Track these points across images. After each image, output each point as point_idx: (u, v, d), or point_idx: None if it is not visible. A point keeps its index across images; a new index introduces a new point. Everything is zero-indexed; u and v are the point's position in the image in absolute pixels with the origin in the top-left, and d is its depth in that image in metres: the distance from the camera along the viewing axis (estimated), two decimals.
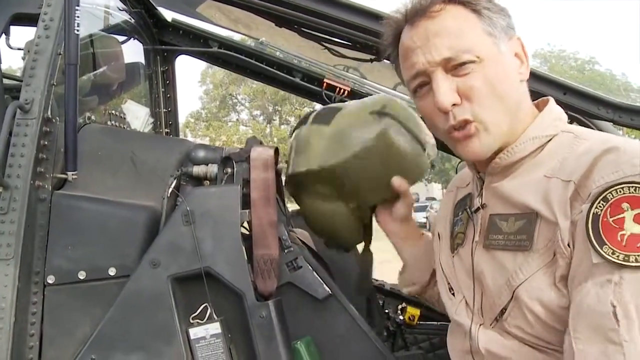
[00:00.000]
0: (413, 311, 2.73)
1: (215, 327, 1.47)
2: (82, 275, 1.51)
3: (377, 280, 2.70)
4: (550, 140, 1.09)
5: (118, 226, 1.54)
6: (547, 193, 1.01)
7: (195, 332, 1.47)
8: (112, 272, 1.51)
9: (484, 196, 1.17)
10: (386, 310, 2.89)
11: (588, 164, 0.97)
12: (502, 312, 1.07)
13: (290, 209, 2.61)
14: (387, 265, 2.57)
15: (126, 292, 1.49)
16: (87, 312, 1.51)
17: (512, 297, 1.04)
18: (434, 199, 43.68)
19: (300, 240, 1.98)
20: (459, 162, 2.85)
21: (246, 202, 1.56)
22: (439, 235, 1.36)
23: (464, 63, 1.06)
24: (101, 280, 1.52)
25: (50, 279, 1.51)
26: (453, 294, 1.23)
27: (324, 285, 1.58)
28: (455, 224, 1.28)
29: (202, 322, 1.49)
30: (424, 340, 2.82)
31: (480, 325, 1.13)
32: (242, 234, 1.54)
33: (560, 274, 0.98)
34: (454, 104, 1.07)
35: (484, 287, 1.13)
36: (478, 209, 1.18)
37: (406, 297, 2.67)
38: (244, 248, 1.50)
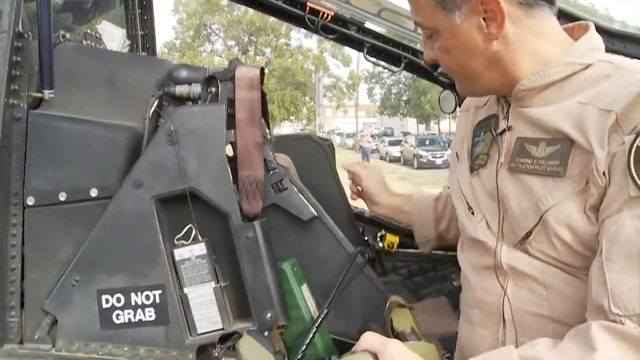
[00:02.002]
0: (392, 238, 2.75)
1: (200, 248, 1.46)
2: (62, 196, 1.47)
3: (356, 208, 2.70)
4: (586, 68, 1.07)
5: (99, 146, 1.50)
6: (581, 120, 1.01)
7: (180, 253, 1.46)
8: (93, 193, 1.48)
9: (510, 119, 1.15)
10: (365, 238, 2.92)
11: (633, 95, 0.95)
12: (527, 235, 1.08)
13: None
14: None
15: (109, 213, 1.46)
16: (69, 234, 1.49)
17: (539, 221, 1.05)
18: (408, 133, 43.89)
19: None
20: (441, 92, 2.82)
21: (231, 123, 1.52)
22: (457, 155, 1.34)
23: (429, 34, 1.15)
24: (82, 201, 1.48)
25: (30, 201, 1.47)
26: (472, 213, 1.23)
27: (310, 207, 1.57)
28: (476, 144, 1.26)
29: (187, 243, 1.47)
30: (403, 267, 2.85)
31: (502, 244, 1.14)
32: (227, 155, 1.51)
33: (592, 202, 0.98)
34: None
35: (507, 209, 1.13)
36: (504, 131, 1.16)
37: (385, 224, 2.69)
38: (229, 168, 1.47)
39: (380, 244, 2.82)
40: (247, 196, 1.51)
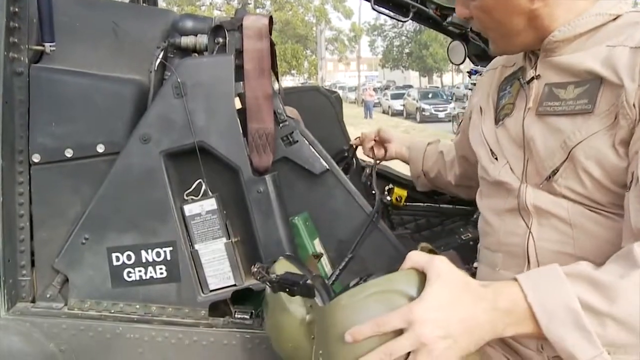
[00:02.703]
0: (400, 192, 2.73)
1: (210, 204, 1.43)
2: (68, 153, 1.44)
3: (364, 161, 2.67)
4: (615, 19, 1.08)
5: (104, 101, 1.45)
6: (611, 59, 1.02)
7: (190, 209, 1.43)
8: (100, 149, 1.44)
9: (539, 68, 1.16)
10: (373, 192, 2.90)
11: None
12: (554, 173, 1.08)
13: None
14: None
15: (116, 169, 1.43)
16: (77, 192, 1.46)
17: (567, 157, 1.05)
18: (410, 86, 43.48)
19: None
20: (450, 42, 2.75)
21: (239, 75, 1.47)
22: (481, 109, 1.35)
23: None
24: (89, 157, 1.45)
25: (36, 158, 1.44)
26: (496, 159, 1.24)
27: (321, 160, 1.53)
28: (502, 98, 1.28)
29: (196, 198, 1.45)
30: (410, 221, 2.84)
31: (526, 185, 1.14)
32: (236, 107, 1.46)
33: (622, 136, 0.99)
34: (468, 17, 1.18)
35: (532, 151, 1.13)
36: (532, 79, 1.17)
37: (394, 178, 2.66)
38: (239, 121, 1.43)
39: (388, 198, 2.81)
40: (257, 150, 1.47)
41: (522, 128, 1.16)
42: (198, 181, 1.45)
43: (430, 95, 28.96)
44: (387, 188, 2.83)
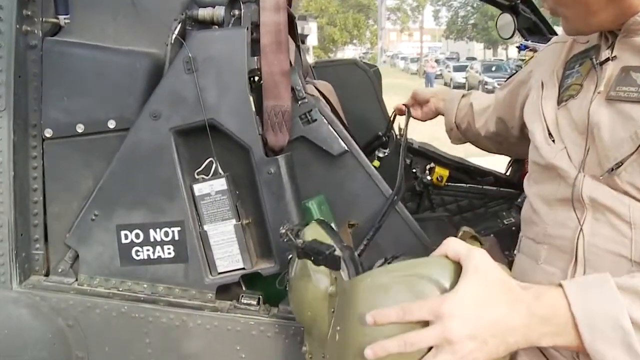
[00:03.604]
0: (441, 172, 2.63)
1: (220, 184, 1.38)
2: (80, 128, 1.41)
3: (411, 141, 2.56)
4: None
5: (116, 75, 1.41)
6: None
7: (199, 188, 1.38)
8: (111, 124, 1.41)
9: (616, 49, 1.06)
10: (413, 170, 2.80)
11: None
12: (618, 165, 0.98)
13: (314, 60, 2.46)
14: None
15: (126, 145, 1.39)
16: (88, 167, 1.44)
17: (637, 150, 0.95)
18: (474, 58, 42.34)
19: (320, 92, 1.85)
20: (499, 15, 2.59)
21: (256, 49, 1.40)
22: (542, 84, 1.24)
23: None
24: (101, 133, 1.42)
25: (48, 132, 1.42)
26: (553, 141, 1.14)
27: (340, 140, 1.45)
28: (568, 76, 1.18)
29: (207, 178, 1.40)
30: (452, 202, 2.74)
31: (584, 175, 1.05)
32: (252, 83, 1.40)
33: None
34: None
35: (596, 140, 1.03)
36: (607, 60, 1.06)
37: (435, 157, 2.56)
38: (251, 98, 1.37)
39: (429, 177, 2.71)
40: (272, 128, 1.40)
41: (588, 113, 1.05)
42: (209, 160, 1.41)
43: (493, 69, 28.14)
44: (428, 167, 2.73)
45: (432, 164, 2.63)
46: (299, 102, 1.45)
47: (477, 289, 0.79)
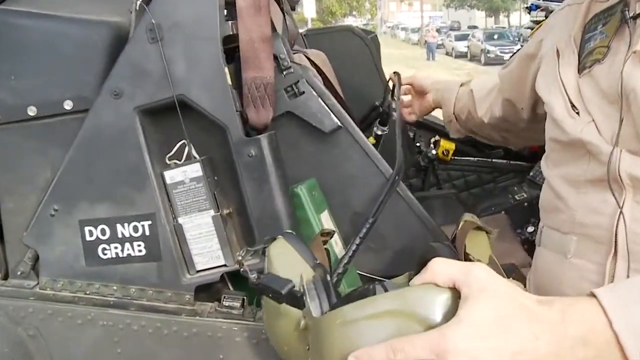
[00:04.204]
0: (447, 145, 2.46)
1: (195, 169, 1.20)
2: (32, 111, 1.23)
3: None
4: None
5: (72, 48, 1.22)
6: None
7: (171, 176, 1.20)
8: (68, 106, 1.22)
9: None
10: (417, 144, 2.62)
11: None
12: None
13: (305, 28, 2.26)
14: None
15: (86, 129, 1.21)
16: (44, 156, 1.26)
17: None
18: (476, 27, 41.79)
19: (312, 62, 1.66)
20: None
21: (232, 13, 1.21)
22: (557, 52, 1.06)
23: None
24: (56, 116, 1.24)
25: None
26: (577, 113, 0.96)
27: (331, 115, 1.26)
28: (588, 40, 1.00)
29: (179, 163, 1.22)
30: (459, 177, 2.57)
31: (621, 150, 0.88)
32: (227, 52, 1.21)
33: None
34: None
35: (632, 107, 0.86)
36: None
37: (440, 129, 2.38)
38: (226, 69, 1.18)
39: (434, 151, 2.54)
40: (253, 103, 1.22)
41: (621, 77, 0.88)
42: (181, 142, 1.22)
43: (496, 37, 27.81)
44: (432, 140, 2.56)
45: (437, 137, 2.46)
46: (284, 73, 1.26)
47: (486, 313, 0.60)
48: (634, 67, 0.86)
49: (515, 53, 1.42)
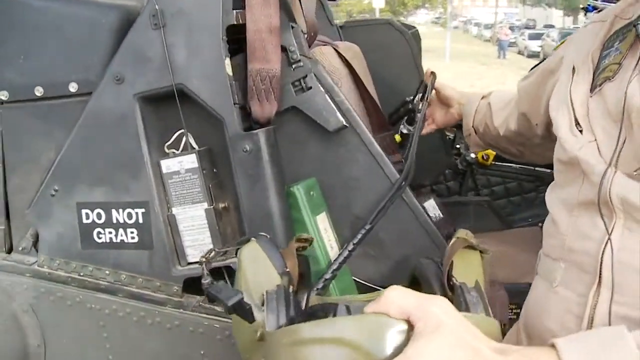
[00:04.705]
0: (488, 149, 2.36)
1: (191, 160, 1.18)
2: (38, 91, 1.24)
3: None
4: None
5: (80, 31, 1.23)
6: None
7: (167, 165, 1.19)
8: (72, 88, 1.23)
9: None
10: (457, 146, 2.53)
11: None
12: None
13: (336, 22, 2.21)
14: None
15: (88, 113, 1.21)
16: (49, 136, 1.27)
17: None
18: (552, 26, 40.38)
19: (340, 55, 1.62)
20: None
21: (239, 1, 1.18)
22: (573, 69, 1.00)
23: None
24: (61, 98, 1.24)
25: (4, 95, 1.26)
26: (580, 131, 0.90)
27: (337, 113, 1.20)
28: (605, 57, 0.94)
29: (177, 153, 1.20)
30: (499, 183, 2.47)
31: (615, 171, 0.81)
32: (232, 42, 1.18)
33: None
34: None
35: (634, 127, 0.80)
36: None
37: None
38: (227, 60, 1.15)
39: (473, 155, 2.45)
40: (258, 96, 1.18)
41: (625, 95, 0.82)
42: (179, 132, 1.21)
43: None
44: None
45: None
46: (293, 66, 1.21)
47: (434, 356, 0.55)
48: (639, 85, 0.80)
49: (536, 65, 1.34)
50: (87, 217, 1.24)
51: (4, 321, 1.28)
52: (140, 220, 1.21)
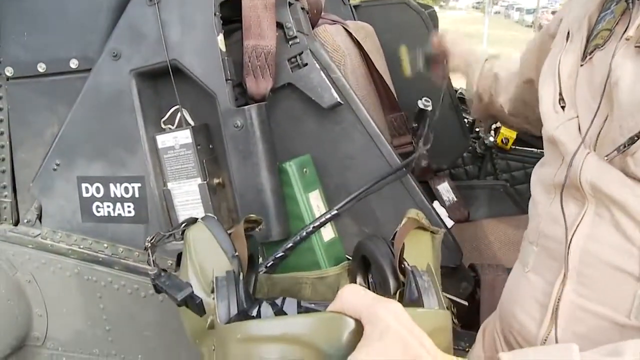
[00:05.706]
0: (508, 133, 2.32)
1: (185, 136, 1.19)
2: (41, 67, 1.27)
3: (462, 95, 2.25)
4: None
5: (79, 8, 1.24)
6: None
7: (162, 140, 1.21)
8: (73, 64, 1.25)
9: None
10: (477, 129, 2.49)
11: None
12: (632, 140, 0.69)
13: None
14: None
15: (87, 88, 1.24)
16: (52, 111, 1.30)
17: None
18: None
19: (350, 34, 1.61)
20: None
21: None
22: (568, 34, 0.94)
23: None
24: (63, 74, 1.27)
25: (9, 71, 1.29)
26: (562, 107, 0.85)
27: (332, 90, 1.20)
28: (600, 20, 0.87)
29: (172, 128, 1.22)
30: (518, 168, 2.42)
31: (589, 152, 0.76)
32: (226, 21, 1.18)
33: None
34: None
35: (614, 103, 0.74)
36: None
37: None
38: (220, 35, 1.15)
39: (492, 138, 2.41)
40: (253, 72, 1.19)
41: (610, 67, 0.76)
42: (175, 108, 1.22)
43: None
44: (493, 127, 2.43)
45: (498, 123, 2.31)
46: (290, 43, 1.21)
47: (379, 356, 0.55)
48: (624, 56, 0.74)
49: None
50: (87, 191, 1.27)
51: (9, 291, 1.32)
52: (137, 195, 1.23)
